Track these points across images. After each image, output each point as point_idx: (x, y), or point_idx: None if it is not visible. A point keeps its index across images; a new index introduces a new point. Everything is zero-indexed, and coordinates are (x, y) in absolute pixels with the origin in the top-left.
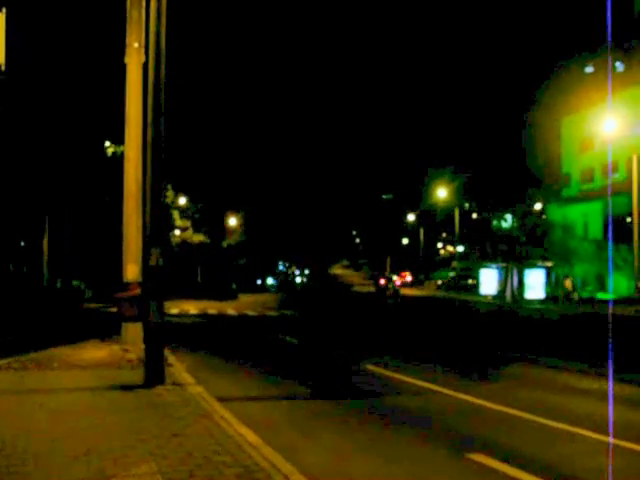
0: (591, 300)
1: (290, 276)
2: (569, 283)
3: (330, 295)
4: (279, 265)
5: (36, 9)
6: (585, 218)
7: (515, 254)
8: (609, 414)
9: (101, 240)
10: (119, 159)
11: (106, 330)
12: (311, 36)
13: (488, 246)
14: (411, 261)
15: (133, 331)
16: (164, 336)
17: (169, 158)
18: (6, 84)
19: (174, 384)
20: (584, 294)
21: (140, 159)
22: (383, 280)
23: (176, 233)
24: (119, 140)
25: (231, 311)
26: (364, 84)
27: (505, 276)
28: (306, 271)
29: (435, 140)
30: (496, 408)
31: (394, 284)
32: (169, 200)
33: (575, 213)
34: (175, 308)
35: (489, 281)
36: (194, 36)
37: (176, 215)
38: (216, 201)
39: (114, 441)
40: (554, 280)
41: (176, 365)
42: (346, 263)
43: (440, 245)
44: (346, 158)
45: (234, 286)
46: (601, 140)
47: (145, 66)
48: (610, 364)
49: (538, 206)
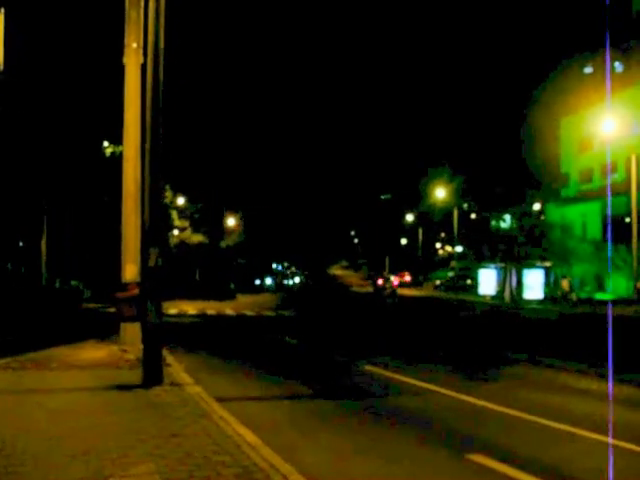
0: (590, 300)
1: (288, 277)
2: (566, 283)
3: (329, 295)
4: (278, 265)
5: (35, 9)
6: (584, 218)
7: (514, 254)
8: (608, 414)
9: (100, 240)
10: (118, 159)
11: (105, 330)
12: (311, 37)
13: (486, 248)
14: (410, 261)
15: (132, 331)
16: (162, 336)
17: (168, 158)
18: (5, 84)
19: (172, 384)
20: (583, 294)
21: (139, 159)
22: (381, 280)
23: (175, 233)
24: (118, 140)
25: (230, 311)
26: (363, 85)
27: (504, 276)
28: (305, 271)
29: (434, 140)
30: (496, 408)
31: (392, 284)
32: (168, 200)
33: (574, 213)
34: (173, 308)
35: (488, 281)
36: (193, 36)
37: (175, 215)
38: (215, 201)
39: (112, 441)
40: (553, 280)
41: (174, 365)
42: (345, 264)
43: (439, 245)
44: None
45: (233, 286)
46: (600, 140)
47: (144, 66)
48: (609, 364)
49: (537, 206)
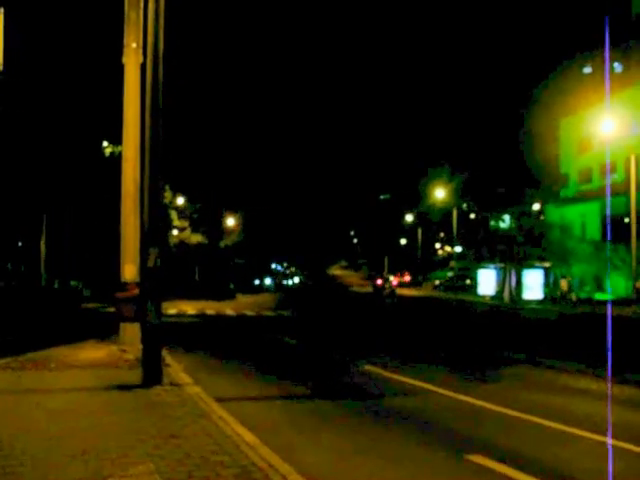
0: (589, 300)
1: (287, 277)
2: (565, 283)
3: (328, 295)
4: (277, 266)
5: (35, 9)
6: (583, 218)
7: (513, 254)
8: (608, 415)
9: (99, 240)
10: (117, 159)
11: (104, 330)
12: (310, 37)
13: (485, 248)
14: (409, 261)
15: (131, 331)
16: (162, 336)
17: (167, 158)
18: (5, 84)
19: (172, 384)
20: (582, 294)
21: (138, 159)
22: (380, 280)
23: (174, 233)
24: (117, 140)
25: (229, 311)
26: (362, 85)
27: (503, 276)
28: (305, 271)
29: (433, 140)
30: (495, 409)
31: (391, 284)
32: (167, 200)
33: (573, 213)
34: (173, 308)
35: (487, 281)
36: (192, 36)
37: (174, 215)
38: (214, 201)
39: (112, 441)
40: (552, 281)
41: (174, 365)
42: (344, 264)
43: (438, 245)
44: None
45: (232, 286)
46: (599, 141)
47: (143, 66)
48: (609, 365)
49: (536, 206)
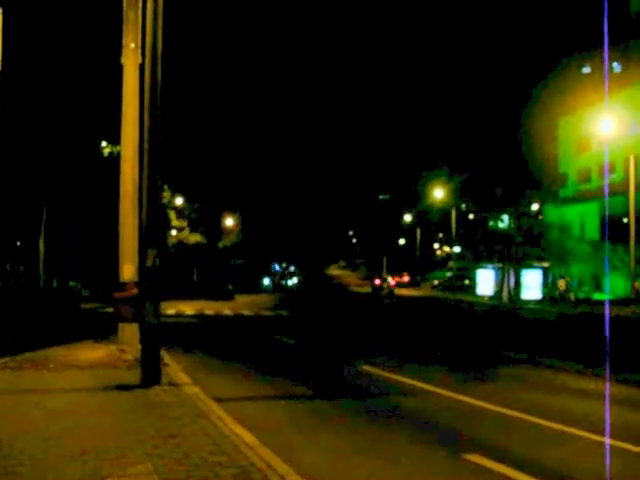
0: (588, 300)
1: (286, 277)
2: (563, 283)
3: (326, 295)
4: (276, 266)
5: (34, 9)
6: (582, 218)
7: (512, 254)
8: (606, 415)
9: (97, 240)
10: (115, 159)
11: (103, 330)
12: (310, 37)
13: (484, 248)
14: (408, 261)
15: (130, 331)
16: (160, 336)
17: (166, 158)
18: (4, 84)
19: (170, 384)
20: (581, 294)
21: (136, 159)
22: (378, 280)
23: (172, 233)
24: (115, 140)
25: (227, 311)
26: (361, 85)
27: (502, 277)
28: (303, 271)
29: (432, 141)
30: (493, 409)
31: (389, 284)
32: (166, 200)
33: (572, 213)
34: (171, 308)
35: (486, 281)
36: (191, 36)
37: (172, 215)
38: (213, 201)
39: (110, 441)
40: (551, 281)
41: (172, 365)
42: (343, 264)
43: (437, 246)
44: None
45: (230, 287)
46: (598, 140)
47: (142, 67)
48: (607, 365)
49: (535, 206)
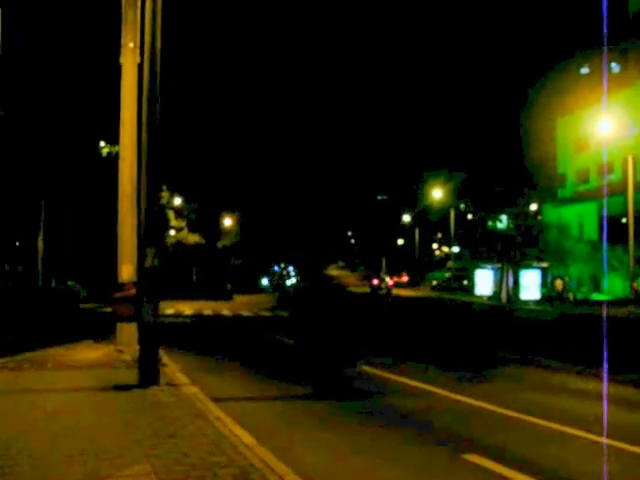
0: (586, 301)
1: (284, 277)
2: (560, 284)
3: (325, 296)
4: (274, 266)
5: (33, 9)
6: (580, 219)
7: (510, 255)
8: (604, 415)
9: (96, 240)
10: (114, 159)
11: (101, 330)
12: (309, 37)
13: (482, 248)
14: (407, 262)
15: (128, 331)
16: (159, 336)
17: (164, 158)
18: (3, 84)
19: (169, 384)
20: (579, 295)
21: (135, 159)
22: (376, 280)
23: (171, 233)
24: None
25: (226, 312)
26: (360, 85)
27: (500, 277)
28: (302, 272)
29: (431, 141)
30: (492, 409)
31: (387, 284)
32: (164, 200)
33: (570, 214)
34: (170, 308)
35: (484, 282)
36: (190, 36)
37: (171, 215)
38: (211, 201)
39: (109, 441)
40: (550, 281)
41: (171, 365)
42: (342, 264)
43: (435, 246)
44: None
45: (229, 287)
46: (596, 141)
47: (140, 66)
48: (605, 365)
49: (534, 207)
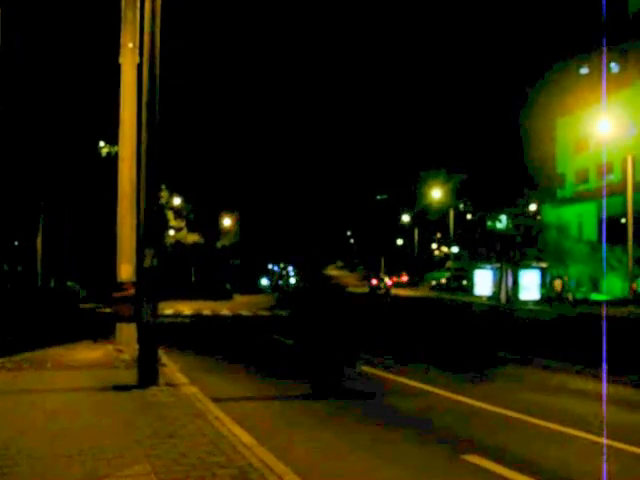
0: (585, 301)
1: (283, 277)
2: (559, 284)
3: (324, 296)
4: (274, 266)
5: (31, 9)
6: (579, 219)
7: (509, 255)
8: (604, 415)
9: (96, 240)
10: (113, 159)
11: (100, 330)
12: (307, 37)
13: (482, 248)
14: (406, 262)
15: (127, 331)
16: (158, 336)
17: (164, 158)
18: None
19: (168, 384)
20: (578, 295)
21: (134, 159)
22: (375, 280)
23: (170, 233)
24: (113, 140)
25: (225, 312)
26: (358, 84)
27: (499, 277)
28: (301, 272)
29: (430, 141)
30: (491, 409)
31: (385, 284)
32: (163, 200)
33: (569, 214)
34: (169, 308)
35: (483, 282)
36: (189, 36)
37: (170, 215)
38: (211, 201)
39: (108, 441)
40: (549, 281)
41: (170, 365)
42: (340, 264)
43: (435, 246)
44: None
45: (228, 286)
46: (596, 141)
47: (140, 66)
48: (604, 365)
49: (533, 207)
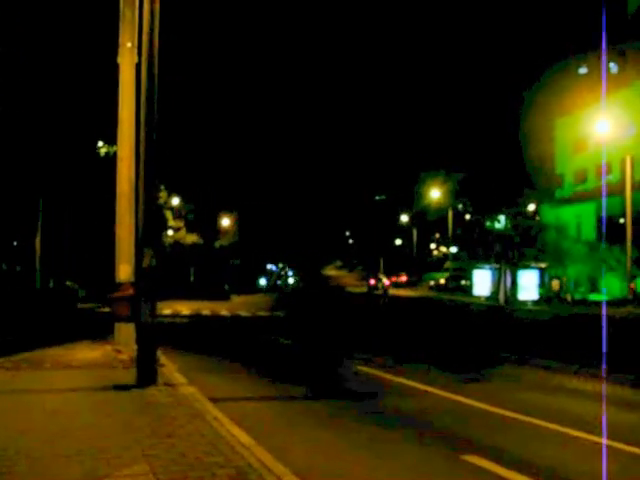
0: (584, 301)
1: (282, 278)
2: (557, 284)
3: (323, 296)
4: (273, 266)
5: (30, 9)
6: (578, 219)
7: (508, 255)
8: (602, 415)
9: (94, 240)
10: (112, 159)
11: (99, 330)
12: (307, 37)
13: (480, 248)
14: (405, 262)
15: (126, 331)
16: (156, 336)
17: (162, 158)
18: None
19: (166, 384)
20: (577, 295)
21: (133, 159)
22: (373, 280)
23: (169, 233)
24: (112, 140)
25: (224, 312)
26: (357, 85)
27: (498, 277)
28: (300, 272)
29: (429, 141)
30: (490, 409)
31: (383, 284)
32: (162, 200)
33: (568, 214)
34: (168, 309)
35: (482, 282)
36: (188, 35)
37: (169, 215)
38: (209, 202)
39: (107, 441)
40: (548, 281)
41: (168, 365)
42: (339, 264)
43: (433, 246)
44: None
45: (227, 287)
46: (595, 141)
47: (138, 66)
48: (603, 365)
49: (532, 207)
